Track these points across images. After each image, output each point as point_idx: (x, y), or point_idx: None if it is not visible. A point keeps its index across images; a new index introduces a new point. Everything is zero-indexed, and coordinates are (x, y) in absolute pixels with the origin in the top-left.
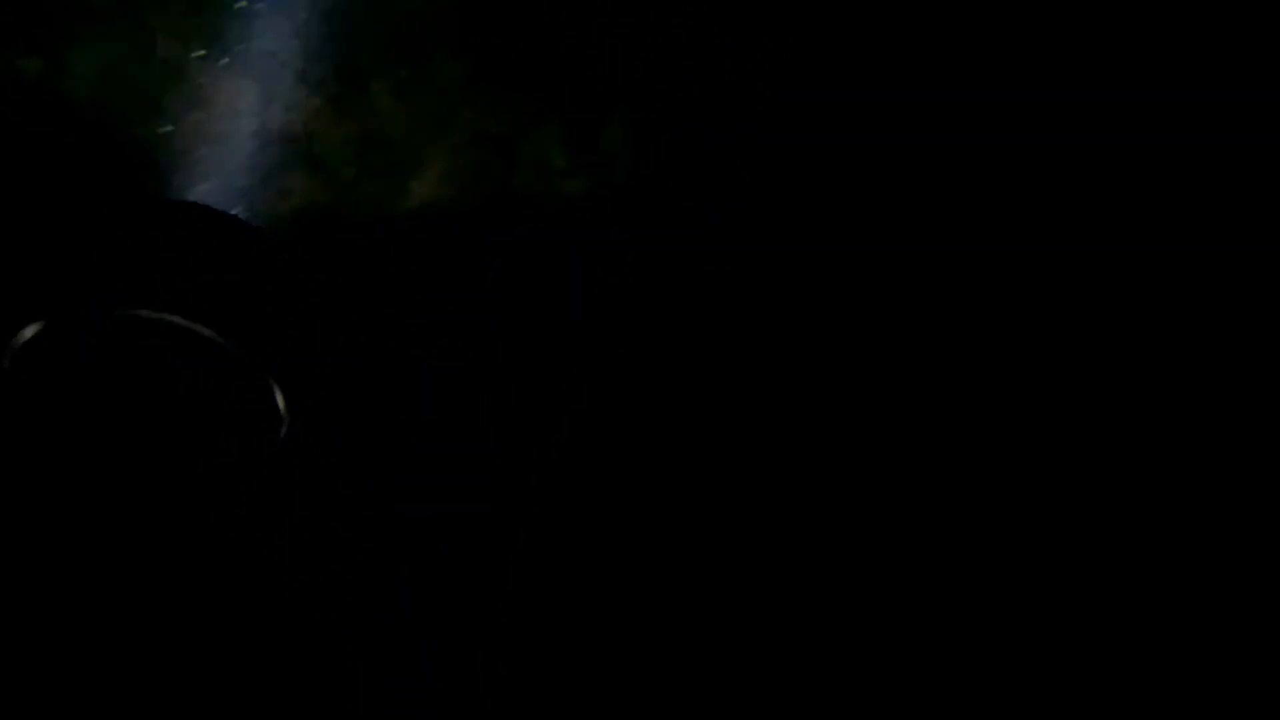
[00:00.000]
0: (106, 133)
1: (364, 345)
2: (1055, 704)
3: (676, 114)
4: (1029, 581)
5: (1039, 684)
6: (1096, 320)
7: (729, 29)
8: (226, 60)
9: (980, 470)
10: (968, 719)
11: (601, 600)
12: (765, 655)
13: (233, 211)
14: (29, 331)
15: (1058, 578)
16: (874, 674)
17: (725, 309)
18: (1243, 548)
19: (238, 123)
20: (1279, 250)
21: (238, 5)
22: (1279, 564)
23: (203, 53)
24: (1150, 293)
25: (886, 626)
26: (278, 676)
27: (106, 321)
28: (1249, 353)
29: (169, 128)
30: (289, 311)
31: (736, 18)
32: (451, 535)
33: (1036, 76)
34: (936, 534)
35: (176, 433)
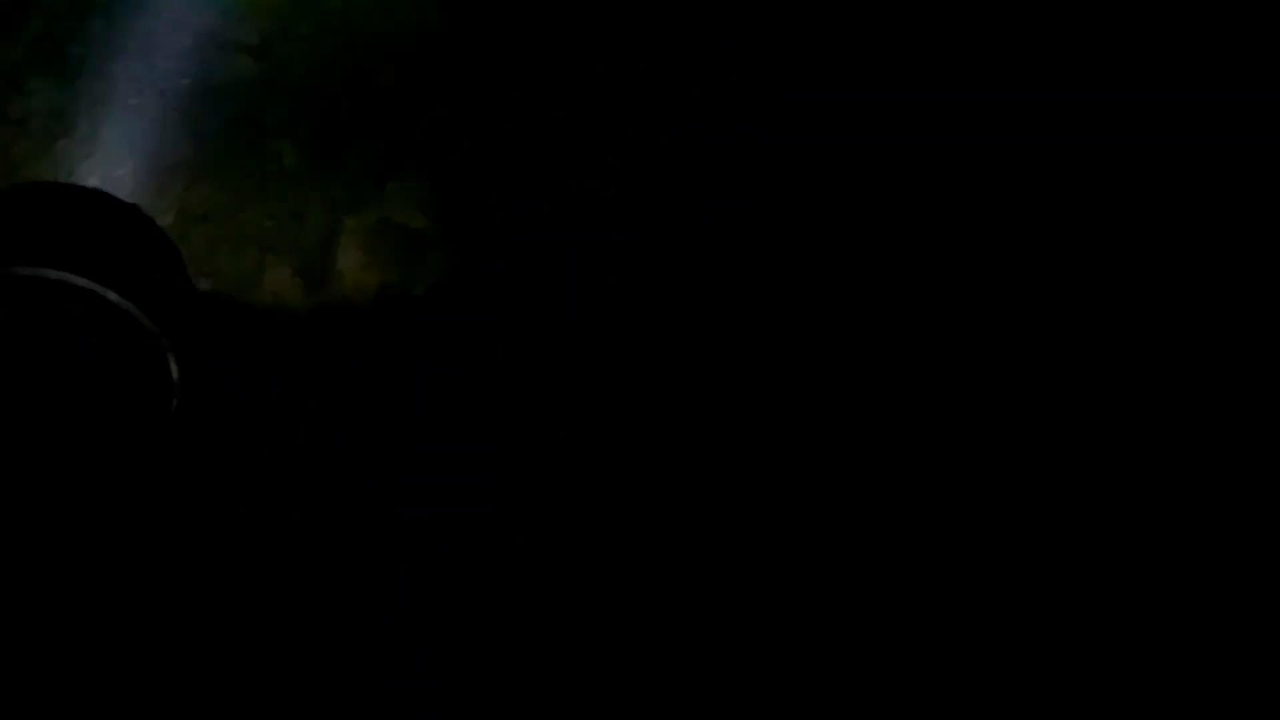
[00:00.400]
0: None
1: (365, 345)
2: (1055, 704)
3: (676, 114)
4: (1029, 582)
5: (1039, 684)
6: (1096, 320)
7: (729, 29)
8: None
9: (981, 470)
10: (968, 718)
11: (601, 600)
12: (766, 655)
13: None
14: None
15: (1058, 578)
16: (874, 674)
17: (725, 309)
18: (1243, 548)
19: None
20: (1279, 250)
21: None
22: (1279, 564)
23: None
24: (1150, 293)
25: (887, 627)
26: (277, 676)
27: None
28: (1249, 353)
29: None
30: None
31: (736, 18)
32: (451, 535)
33: (1036, 76)
34: (937, 534)
35: (65, 395)
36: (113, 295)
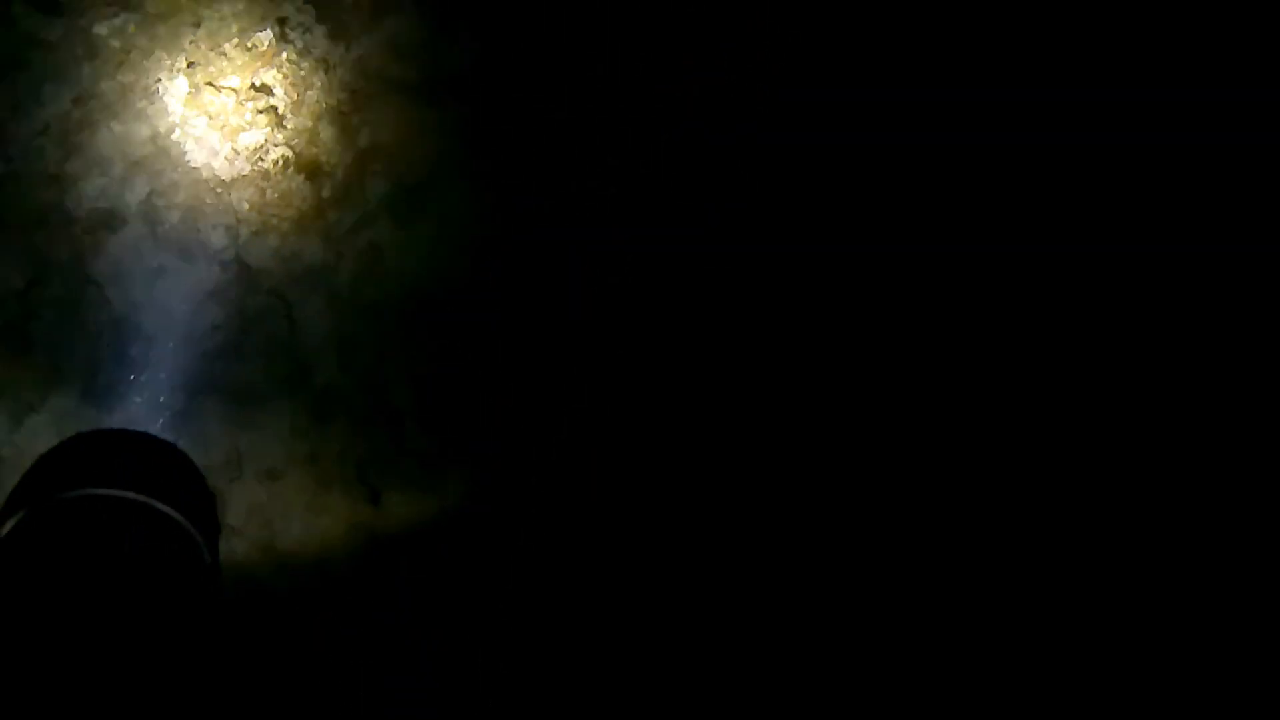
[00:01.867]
0: None
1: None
2: (1055, 704)
3: (676, 114)
4: (1029, 581)
5: (1039, 684)
6: (1097, 320)
7: (729, 29)
8: None
9: (980, 471)
10: (967, 718)
11: (601, 600)
12: (766, 655)
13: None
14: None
15: (1058, 579)
16: (874, 674)
17: (725, 309)
18: (1243, 548)
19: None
20: (1279, 250)
21: None
22: (1278, 564)
23: None
24: (1150, 293)
25: (886, 627)
26: (277, 676)
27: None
28: (1249, 353)
29: None
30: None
31: (736, 18)
32: (451, 535)
33: (1036, 76)
34: (937, 535)
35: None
36: (156, 503)
